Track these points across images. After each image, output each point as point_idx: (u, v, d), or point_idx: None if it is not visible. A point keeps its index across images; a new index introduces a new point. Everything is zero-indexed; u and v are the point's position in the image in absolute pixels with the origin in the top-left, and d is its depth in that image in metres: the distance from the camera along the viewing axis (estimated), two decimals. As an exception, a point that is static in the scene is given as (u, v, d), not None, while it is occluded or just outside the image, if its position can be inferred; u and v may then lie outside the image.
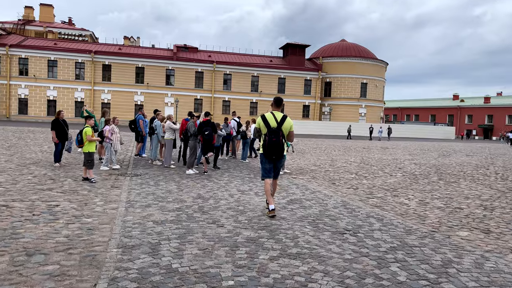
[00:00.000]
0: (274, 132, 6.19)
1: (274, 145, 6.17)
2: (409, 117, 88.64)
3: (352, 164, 14.92)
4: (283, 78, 55.35)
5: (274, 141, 6.17)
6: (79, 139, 8.79)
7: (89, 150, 8.85)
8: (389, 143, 35.30)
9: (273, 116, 6.32)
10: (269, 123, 6.27)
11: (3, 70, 46.89)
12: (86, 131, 8.86)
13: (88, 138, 8.83)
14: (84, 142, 8.78)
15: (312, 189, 8.81)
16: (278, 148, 6.19)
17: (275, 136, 6.18)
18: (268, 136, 6.22)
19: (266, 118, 6.33)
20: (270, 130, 6.22)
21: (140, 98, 50.46)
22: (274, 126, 6.23)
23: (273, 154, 6.25)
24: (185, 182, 9.12)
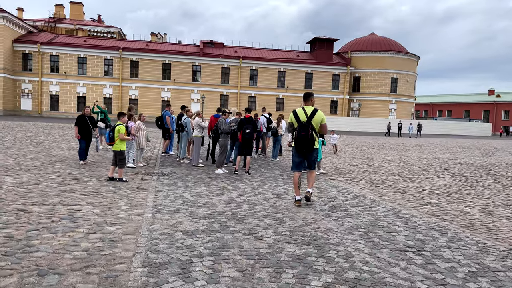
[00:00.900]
0: (303, 126, 6.37)
1: (302, 138, 6.36)
2: (441, 113, 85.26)
3: (392, 163, 13.88)
4: (310, 73, 54.10)
5: (303, 135, 6.35)
6: (110, 136, 8.35)
7: (121, 149, 8.40)
8: (421, 140, 33.64)
9: (303, 111, 6.51)
10: (299, 118, 6.48)
11: (35, 68, 47.96)
12: (120, 129, 8.42)
13: (120, 136, 8.38)
14: (115, 139, 8.31)
15: (355, 193, 7.96)
16: (306, 141, 6.35)
17: (304, 130, 6.35)
18: (297, 130, 6.42)
19: (297, 113, 6.56)
20: (299, 124, 6.43)
21: (167, 95, 50.54)
22: (304, 120, 6.42)
23: (302, 147, 6.44)
24: (215, 183, 8.47)
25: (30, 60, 48.17)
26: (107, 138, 8.41)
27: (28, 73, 48.09)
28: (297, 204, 6.51)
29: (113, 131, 8.38)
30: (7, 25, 45.27)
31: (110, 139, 8.33)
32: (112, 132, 8.38)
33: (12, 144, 14.24)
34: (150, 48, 50.74)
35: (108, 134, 8.37)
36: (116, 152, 8.39)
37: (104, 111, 14.71)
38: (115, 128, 8.45)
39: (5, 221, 4.99)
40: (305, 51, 57.95)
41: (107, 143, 8.54)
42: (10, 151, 12.19)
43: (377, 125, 50.86)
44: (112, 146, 8.48)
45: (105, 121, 14.09)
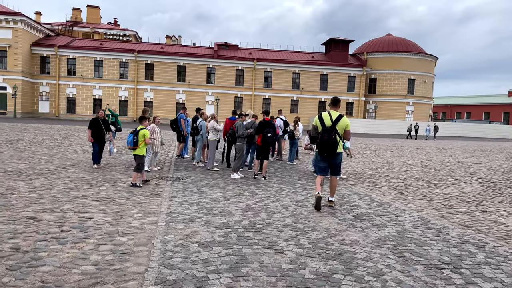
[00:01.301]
0: (327, 131, 6.48)
1: (325, 143, 6.45)
2: (460, 115, 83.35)
3: (413, 168, 13.35)
4: (325, 74, 53.50)
5: (325, 140, 6.45)
6: (135, 141, 8.12)
7: (143, 153, 8.30)
8: (441, 142, 32.73)
9: (329, 115, 6.59)
10: (324, 122, 6.58)
11: (53, 71, 48.66)
12: (144, 133, 8.23)
13: (146, 140, 8.24)
14: (139, 144, 8.12)
15: (379, 200, 7.54)
16: (329, 146, 6.44)
17: (327, 134, 6.45)
18: (320, 134, 6.54)
19: (322, 117, 6.65)
20: (324, 129, 6.54)
21: (181, 97, 50.64)
22: (329, 125, 6.52)
23: (324, 151, 6.53)
24: (230, 189, 8.16)
25: (48, 64, 48.91)
26: (131, 142, 8.15)
27: (46, 76, 48.82)
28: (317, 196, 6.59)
29: (137, 135, 8.16)
30: (25, 29, 46.06)
31: (135, 143, 8.15)
32: (136, 136, 8.17)
33: (27, 147, 14.23)
34: (165, 50, 50.95)
35: (132, 138, 8.12)
36: (138, 156, 8.26)
37: (115, 114, 14.67)
38: (139, 132, 8.22)
39: (13, 230, 4.77)
40: (320, 53, 57.36)
41: (129, 147, 8.30)
42: (25, 154, 12.15)
43: (393, 127, 49.94)
44: (134, 151, 8.28)
45: (115, 125, 13.97)
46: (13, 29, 45.08)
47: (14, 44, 45.02)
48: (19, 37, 45.26)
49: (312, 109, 52.47)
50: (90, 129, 10.34)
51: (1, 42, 44.79)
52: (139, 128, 8.36)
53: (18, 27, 45.16)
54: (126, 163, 11.62)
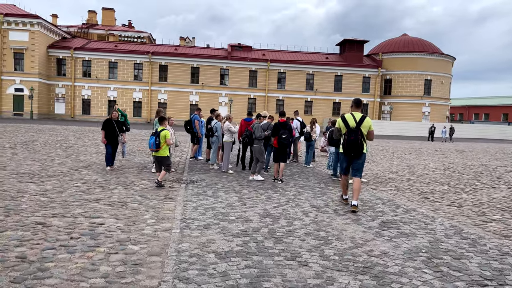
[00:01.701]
0: (353, 132, 6.59)
1: (352, 143, 6.57)
2: (478, 116, 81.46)
3: (436, 171, 12.81)
4: (339, 75, 52.83)
5: (352, 140, 6.56)
6: (157, 143, 8.06)
7: (167, 154, 8.28)
8: (460, 144, 31.83)
9: (353, 117, 6.71)
10: (348, 123, 6.67)
11: (68, 72, 49.20)
12: (166, 134, 8.15)
13: (168, 141, 8.18)
14: (162, 145, 8.05)
15: (404, 207, 7.10)
16: (356, 146, 6.56)
17: (353, 135, 6.57)
18: (346, 135, 6.65)
19: (345, 119, 6.75)
20: (349, 129, 6.64)
21: (195, 98, 50.65)
22: (353, 126, 6.63)
23: (351, 151, 6.64)
24: (246, 193, 7.83)
25: (64, 65, 49.47)
26: (153, 144, 8.05)
27: (62, 78, 49.38)
28: (345, 202, 6.96)
29: (159, 137, 8.05)
30: (42, 32, 46.68)
31: (157, 145, 8.05)
32: (158, 138, 8.06)
33: (42, 148, 14.17)
34: (178, 52, 51.05)
35: (155, 140, 8.02)
36: (162, 158, 8.21)
37: (125, 114, 14.53)
38: (160, 133, 8.10)
39: (20, 237, 4.53)
40: (334, 53, 56.72)
41: (152, 149, 8.21)
42: (39, 156, 12.05)
43: (409, 129, 48.99)
44: (157, 152, 8.19)
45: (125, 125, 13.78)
46: (30, 31, 45.73)
47: (31, 47, 45.66)
48: (36, 40, 45.89)
49: (326, 110, 51.86)
50: (104, 130, 10.16)
51: (18, 44, 45.48)
52: (160, 129, 8.21)
53: (35, 30, 45.80)
54: (139, 165, 11.41)
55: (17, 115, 46.05)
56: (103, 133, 10.11)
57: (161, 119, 8.57)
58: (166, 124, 8.66)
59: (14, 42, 45.49)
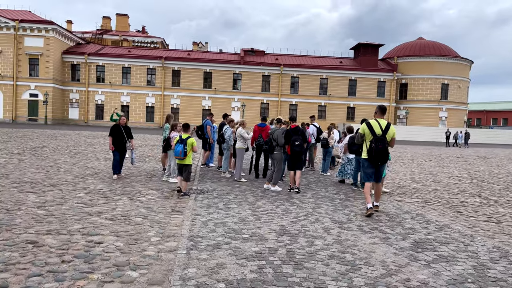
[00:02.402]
0: (381, 140, 6.49)
1: (381, 151, 6.46)
2: (496, 121, 79.39)
3: (462, 180, 12.00)
4: (354, 80, 51.95)
5: (381, 148, 6.45)
6: (185, 151, 7.75)
7: (191, 162, 8.02)
8: (478, 151, 30.64)
9: (378, 124, 6.61)
10: (375, 131, 6.56)
11: (82, 78, 49.51)
12: (193, 142, 7.89)
13: (194, 149, 7.92)
14: (188, 153, 7.78)
15: (436, 222, 6.39)
16: (384, 154, 6.50)
17: (382, 143, 6.48)
18: (374, 143, 6.49)
19: (371, 125, 6.62)
20: (376, 137, 6.52)
21: (207, 103, 50.38)
22: (379, 134, 6.54)
23: (378, 160, 6.54)
24: (261, 205, 7.23)
25: (78, 71, 49.82)
26: (182, 152, 7.73)
27: (76, 83, 49.72)
28: (369, 213, 6.56)
29: (186, 145, 7.75)
30: (57, 37, 47.11)
31: (185, 153, 7.76)
32: (185, 146, 7.76)
33: (50, 155, 13.84)
34: (191, 57, 50.92)
35: (183, 148, 7.73)
36: (186, 165, 7.91)
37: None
38: (187, 141, 7.81)
39: (6, 259, 4.01)
40: (348, 57, 55.89)
41: (179, 157, 7.85)
42: (45, 163, 11.67)
43: (426, 134, 47.71)
44: (183, 160, 7.89)
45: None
46: (45, 37, 46.19)
47: (46, 52, 46.08)
48: (51, 45, 46.31)
49: (341, 115, 51.00)
50: (111, 137, 9.71)
51: (34, 50, 45.96)
52: (185, 136, 7.92)
53: (50, 36, 46.25)
54: (148, 173, 10.92)
55: (32, 120, 46.44)
56: (111, 139, 9.65)
57: (185, 126, 8.24)
58: (192, 131, 8.38)
59: (30, 48, 45.98)
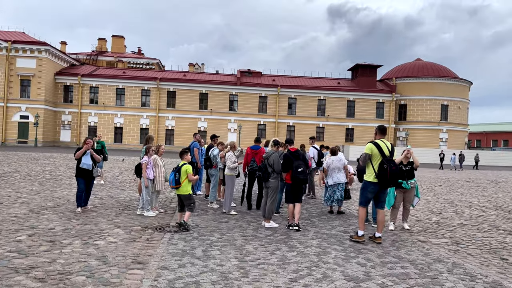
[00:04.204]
0: (392, 161, 6.14)
1: (396, 174, 6.09)
2: (496, 143, 78.35)
3: (486, 211, 10.46)
4: (352, 101, 50.98)
5: (394, 170, 6.06)
6: (177, 179, 7.03)
7: (189, 192, 7.19)
8: (486, 173, 29.18)
9: (385, 145, 6.24)
10: (384, 152, 6.16)
11: (75, 99, 48.34)
12: (187, 169, 7.15)
13: (189, 177, 7.14)
14: (182, 182, 7.04)
15: (483, 278, 4.80)
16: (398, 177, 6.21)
17: (394, 165, 6.13)
18: (386, 165, 6.07)
19: (380, 146, 6.21)
20: (386, 159, 6.11)
21: (203, 124, 49.13)
22: (388, 155, 6.17)
23: (392, 183, 6.18)
24: (251, 250, 5.67)
25: (71, 92, 48.72)
26: (172, 180, 7.06)
27: (69, 105, 48.52)
28: (362, 240, 6.19)
29: (179, 172, 7.06)
30: (50, 58, 46.21)
31: (177, 181, 7.04)
32: (178, 173, 7.05)
33: (18, 181, 12.28)
34: (187, 78, 50.00)
35: (174, 175, 7.05)
36: (183, 196, 7.14)
37: (102, 142, 12.93)
38: (181, 168, 7.11)
39: None
40: (346, 79, 55.13)
41: (172, 187, 7.15)
42: (5, 192, 10.10)
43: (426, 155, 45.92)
44: (178, 190, 7.12)
45: (103, 154, 11.99)
46: (37, 58, 45.26)
47: (38, 73, 45.05)
48: (43, 66, 45.32)
49: (339, 137, 49.76)
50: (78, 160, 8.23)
51: (26, 71, 44.90)
52: (181, 163, 7.22)
53: (42, 57, 45.33)
54: (122, 203, 9.37)
55: (21, 142, 44.89)
56: (81, 151, 8.14)
57: (182, 152, 7.53)
58: (189, 158, 7.52)
59: (21, 69, 44.95)
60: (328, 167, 9.11)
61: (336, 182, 8.92)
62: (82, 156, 8.11)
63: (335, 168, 8.97)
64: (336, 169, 8.92)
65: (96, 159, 8.29)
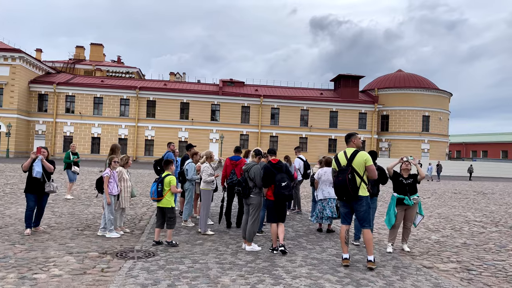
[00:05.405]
0: (342, 171, 5.64)
1: (339, 185, 5.55)
2: (476, 154, 79.57)
3: (485, 226, 9.72)
4: (335, 111, 50.69)
5: (340, 181, 5.56)
6: (159, 190, 6.61)
7: (172, 205, 6.71)
8: (471, 185, 28.95)
9: (344, 154, 5.77)
10: (340, 162, 5.76)
11: (50, 108, 46.44)
12: (171, 180, 6.69)
13: (172, 189, 6.69)
14: (164, 194, 6.61)
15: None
16: (345, 188, 5.50)
17: (341, 174, 5.59)
18: (335, 176, 5.73)
19: (337, 157, 5.84)
20: (339, 169, 5.70)
21: (184, 135, 47.86)
22: (344, 164, 5.67)
23: (341, 195, 5.59)
24: (228, 284, 4.66)
25: (46, 101, 46.80)
26: (155, 192, 6.63)
27: (43, 114, 46.55)
28: (345, 264, 5.59)
29: (162, 184, 6.65)
30: (24, 66, 44.35)
31: (159, 193, 6.61)
32: (161, 184, 6.64)
33: (-32, 196, 10.94)
34: (168, 87, 48.78)
35: (156, 187, 6.64)
36: (165, 209, 6.64)
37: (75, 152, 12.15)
38: (164, 180, 6.67)
39: None
40: (329, 89, 55.00)
41: (153, 199, 6.68)
42: None
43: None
44: (159, 202, 6.65)
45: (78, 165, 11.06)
46: (11, 66, 43.37)
47: (11, 81, 43.11)
48: (17, 74, 43.43)
49: (322, 147, 49.28)
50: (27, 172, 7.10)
51: (-2, 79, 42.91)
52: (164, 174, 6.76)
53: (16, 64, 43.48)
54: (82, 222, 8.20)
55: (-10, 153, 42.63)
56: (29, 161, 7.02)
57: (166, 162, 7.02)
58: (173, 168, 7.05)
59: (-6, 77, 42.95)
60: (319, 178, 8.20)
61: (327, 197, 8.02)
62: (32, 165, 6.98)
63: (326, 181, 8.05)
64: (328, 182, 8.02)
65: (47, 168, 7.15)
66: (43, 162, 7.09)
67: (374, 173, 5.62)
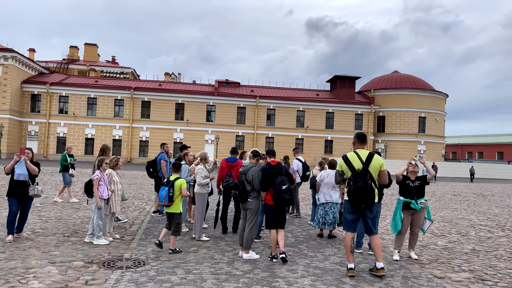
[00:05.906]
0: (360, 175, 5.11)
1: (361, 191, 5.03)
2: (471, 155, 79.64)
3: (491, 231, 9.36)
4: (331, 112, 50.43)
5: (360, 186, 5.04)
6: (171, 195, 6.22)
7: (180, 210, 6.41)
8: (469, 186, 28.72)
9: (357, 156, 5.29)
10: (353, 165, 5.25)
11: (43, 109, 45.77)
12: (182, 184, 6.38)
13: (184, 192, 6.39)
14: (175, 198, 6.27)
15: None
16: (366, 194, 5.01)
17: (361, 180, 5.07)
18: (352, 181, 5.13)
19: (348, 159, 5.33)
20: (354, 173, 5.17)
21: (179, 136, 47.35)
22: (359, 168, 5.19)
23: (361, 202, 5.08)
24: (225, 296, 4.25)
25: (39, 101, 46.11)
26: (166, 197, 6.22)
27: (36, 115, 45.87)
28: (350, 274, 5.16)
29: (173, 188, 6.29)
30: (16, 66, 43.67)
31: (170, 198, 6.24)
32: (172, 189, 6.28)
33: (-49, 200, 10.43)
34: (163, 88, 48.25)
35: (168, 191, 6.25)
36: (174, 214, 6.31)
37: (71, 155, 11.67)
38: (175, 183, 6.34)
39: None
40: (325, 90, 54.73)
41: (164, 204, 6.30)
42: None
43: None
44: (169, 208, 6.30)
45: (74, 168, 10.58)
46: (3, 65, 42.70)
47: (3, 81, 42.43)
48: (9, 74, 42.75)
49: (318, 149, 48.99)
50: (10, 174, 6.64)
51: (-11, 79, 42.20)
52: (173, 177, 6.41)
53: (8, 64, 42.81)
54: (69, 228, 7.74)
55: (-17, 154, 41.87)
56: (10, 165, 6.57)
57: (175, 165, 6.65)
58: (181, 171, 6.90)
59: (-15, 77, 42.23)
60: (322, 181, 7.79)
61: (328, 201, 7.62)
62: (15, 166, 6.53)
63: (329, 184, 7.65)
64: (330, 185, 7.62)
65: (32, 171, 6.69)
66: (27, 164, 6.63)
67: (386, 178, 5.32)
